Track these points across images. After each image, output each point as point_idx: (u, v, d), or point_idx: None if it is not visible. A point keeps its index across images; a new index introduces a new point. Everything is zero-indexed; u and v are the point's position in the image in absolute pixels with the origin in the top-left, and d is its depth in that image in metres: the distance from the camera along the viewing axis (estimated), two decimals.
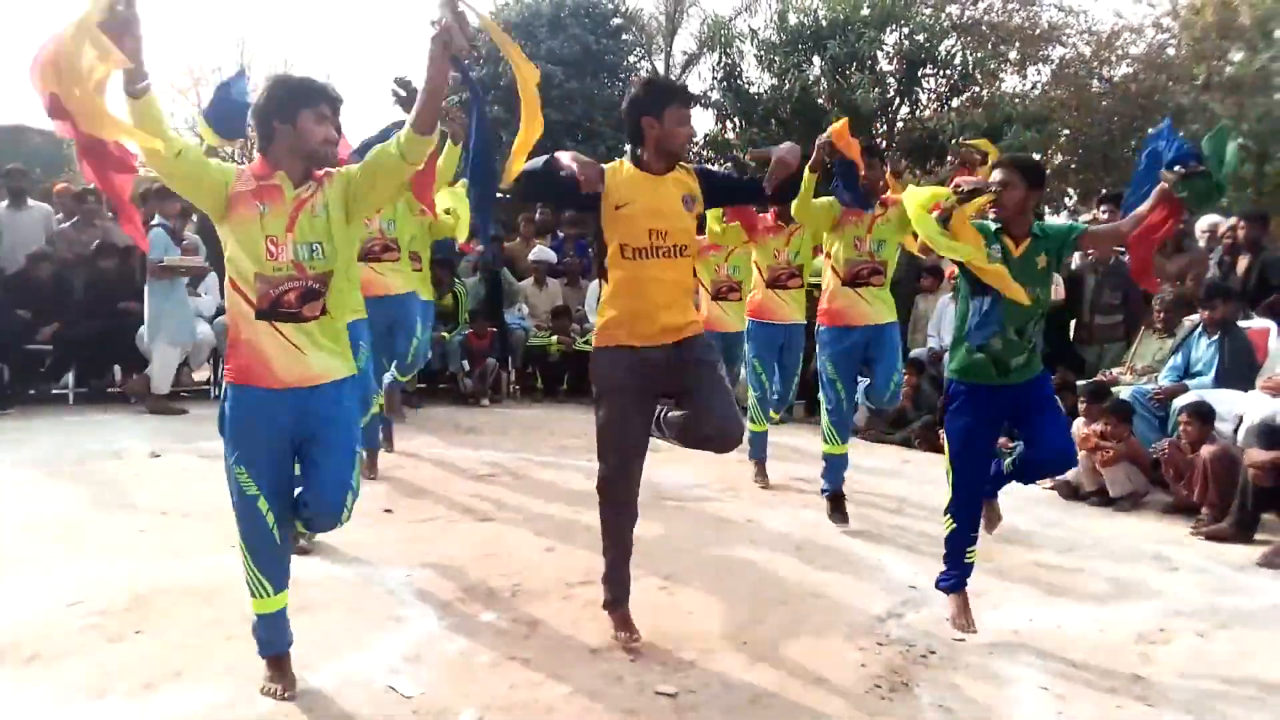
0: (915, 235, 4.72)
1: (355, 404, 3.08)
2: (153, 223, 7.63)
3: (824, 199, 5.04)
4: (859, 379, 5.48)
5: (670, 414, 3.45)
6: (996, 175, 3.59)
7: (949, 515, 3.83)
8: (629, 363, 3.26)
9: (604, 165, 3.31)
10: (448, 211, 5.84)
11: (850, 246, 5.08)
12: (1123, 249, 5.63)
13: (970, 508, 3.80)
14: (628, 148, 3.41)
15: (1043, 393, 3.75)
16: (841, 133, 4.70)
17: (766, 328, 5.99)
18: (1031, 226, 3.65)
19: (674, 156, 3.33)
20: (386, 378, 5.88)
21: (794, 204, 4.80)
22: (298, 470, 2.99)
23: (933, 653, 3.60)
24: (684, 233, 3.32)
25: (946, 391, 3.83)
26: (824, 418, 5.31)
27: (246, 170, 2.89)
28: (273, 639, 3.02)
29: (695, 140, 15.09)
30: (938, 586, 3.89)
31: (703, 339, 3.42)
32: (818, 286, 5.91)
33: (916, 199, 3.72)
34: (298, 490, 2.99)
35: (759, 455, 6.24)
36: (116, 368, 8.45)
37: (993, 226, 3.64)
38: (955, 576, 3.84)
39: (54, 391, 8.23)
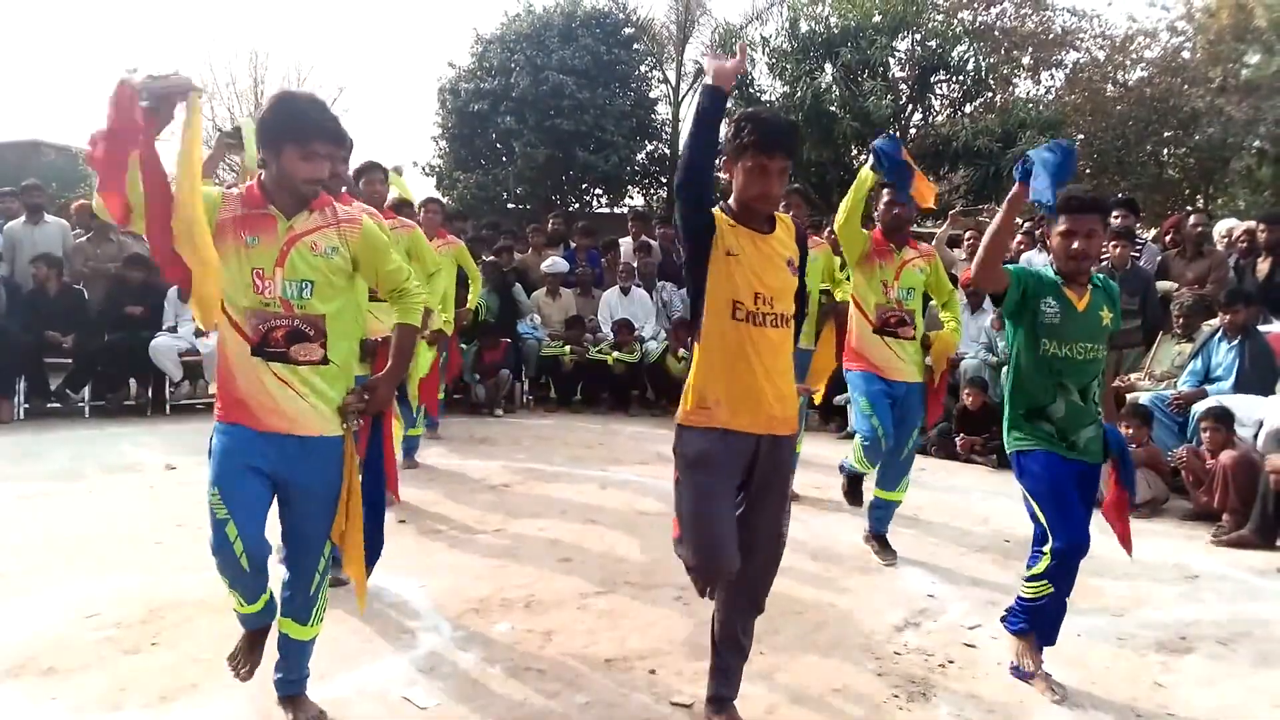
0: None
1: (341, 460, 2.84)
2: None
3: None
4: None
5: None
6: (1062, 225, 3.21)
7: (1044, 581, 3.26)
8: (721, 443, 2.74)
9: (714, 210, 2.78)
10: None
11: (878, 290, 4.69)
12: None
13: (1070, 568, 3.24)
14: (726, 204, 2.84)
15: (1095, 483, 3.34)
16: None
17: None
18: (1092, 276, 3.31)
19: (753, 213, 2.75)
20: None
21: (843, 211, 4.62)
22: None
23: (951, 662, 3.57)
24: (789, 301, 2.81)
25: (1013, 463, 3.35)
26: (857, 451, 4.87)
27: (236, 194, 2.72)
28: (251, 622, 2.92)
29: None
30: (1004, 623, 3.44)
31: (791, 441, 2.90)
32: (825, 293, 5.83)
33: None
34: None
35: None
36: (132, 381, 8.52)
37: (1053, 277, 3.27)
38: (1027, 623, 3.36)
39: (79, 404, 8.27)
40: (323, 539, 2.86)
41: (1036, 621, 3.36)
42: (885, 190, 4.76)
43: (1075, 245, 3.19)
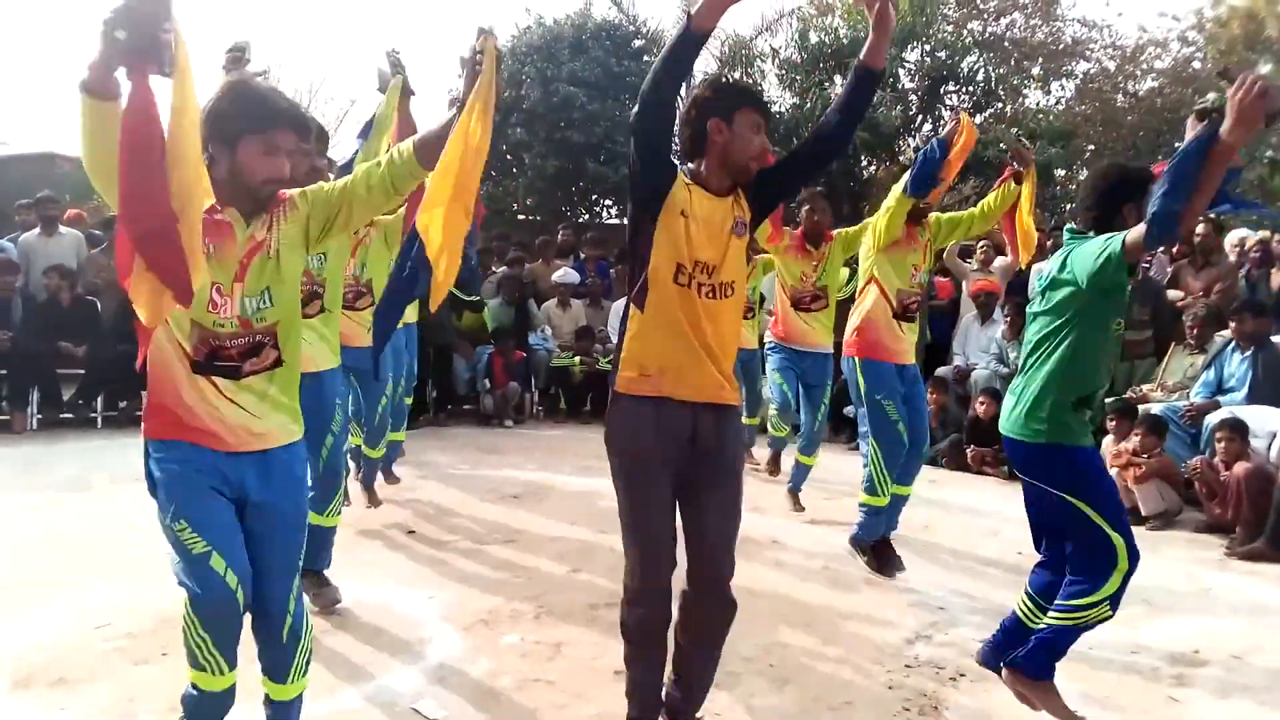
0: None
1: (305, 473, 2.57)
2: None
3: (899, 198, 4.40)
4: None
5: None
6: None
7: (1105, 604, 2.99)
8: (655, 421, 2.60)
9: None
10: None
11: (906, 275, 4.53)
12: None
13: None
14: (685, 166, 2.73)
15: None
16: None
17: (787, 352, 5.79)
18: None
19: (742, 173, 2.66)
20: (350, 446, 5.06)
21: (900, 192, 4.32)
22: None
23: (963, 675, 3.55)
24: (736, 268, 2.68)
25: (1071, 458, 3.03)
26: (876, 464, 4.54)
27: None
28: (211, 711, 2.46)
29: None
30: (1017, 667, 3.15)
31: (739, 414, 2.81)
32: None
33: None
34: None
35: (776, 446, 6.18)
36: (144, 392, 8.55)
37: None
38: (1051, 663, 3.12)
39: (91, 414, 8.31)
40: (290, 574, 2.48)
41: (1054, 659, 3.09)
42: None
43: None
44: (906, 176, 4.36)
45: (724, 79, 2.69)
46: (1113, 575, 2.98)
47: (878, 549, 4.67)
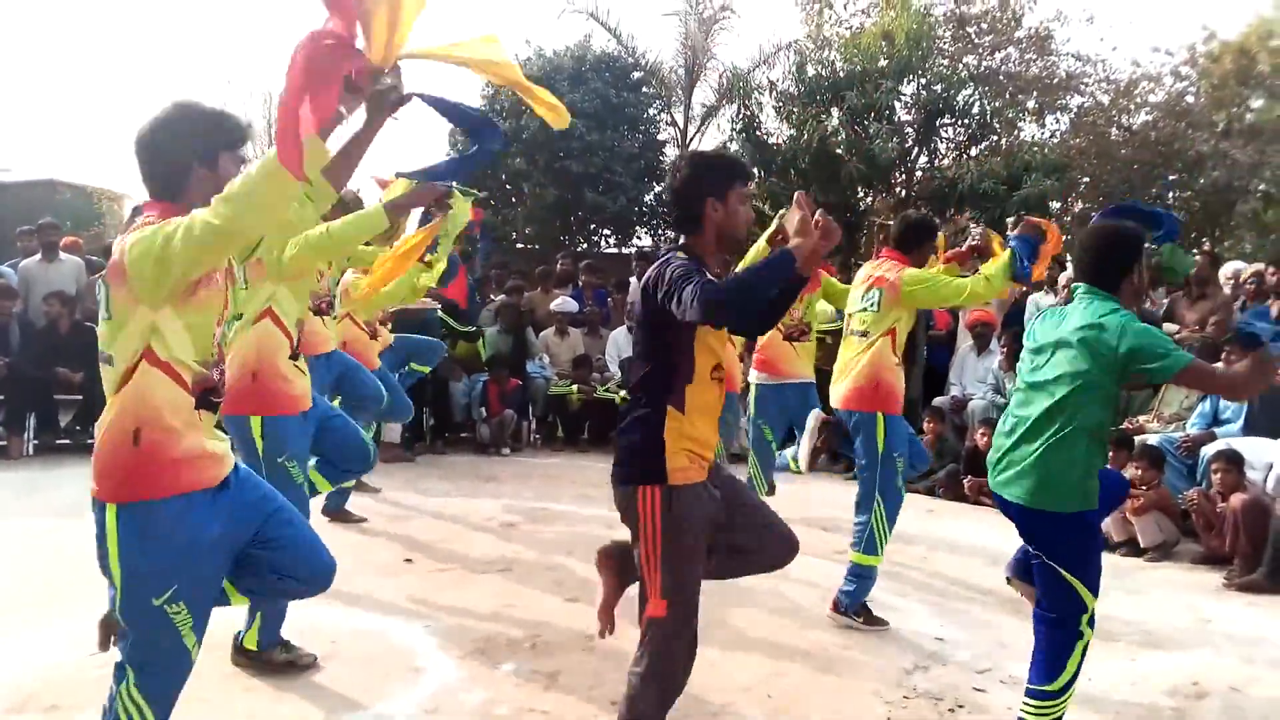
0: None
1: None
2: None
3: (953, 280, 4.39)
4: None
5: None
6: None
7: (1070, 692, 3.14)
8: (708, 497, 2.77)
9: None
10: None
11: (916, 318, 4.65)
12: None
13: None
14: (681, 240, 2.83)
15: None
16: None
17: (776, 389, 5.78)
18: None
19: (736, 245, 2.78)
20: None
21: (982, 286, 4.23)
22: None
23: (960, 706, 3.53)
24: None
25: (1086, 525, 3.05)
26: (880, 524, 4.41)
27: None
28: None
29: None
30: None
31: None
32: (828, 334, 5.95)
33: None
34: (270, 576, 2.52)
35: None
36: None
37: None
38: None
39: (88, 440, 8.29)
40: (320, 543, 2.60)
41: None
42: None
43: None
44: (1006, 266, 4.17)
45: (714, 155, 2.91)
46: (1081, 634, 3.06)
47: (865, 605, 4.53)
